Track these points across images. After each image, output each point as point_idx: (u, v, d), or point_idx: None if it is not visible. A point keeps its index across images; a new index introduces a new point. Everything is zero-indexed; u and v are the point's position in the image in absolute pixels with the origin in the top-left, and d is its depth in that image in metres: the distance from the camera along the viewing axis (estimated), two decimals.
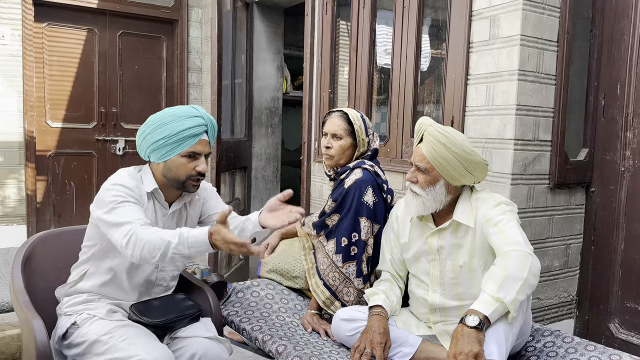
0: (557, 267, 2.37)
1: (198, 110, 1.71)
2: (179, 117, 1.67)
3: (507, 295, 1.53)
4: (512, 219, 1.69)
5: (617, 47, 2.27)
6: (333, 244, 2.03)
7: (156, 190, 1.72)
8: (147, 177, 1.73)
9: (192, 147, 1.67)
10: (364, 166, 2.08)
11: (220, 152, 3.44)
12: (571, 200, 2.38)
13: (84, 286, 1.72)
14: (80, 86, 4.44)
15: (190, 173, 1.68)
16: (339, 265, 2.00)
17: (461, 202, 1.79)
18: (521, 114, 2.14)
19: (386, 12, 2.92)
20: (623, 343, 2.25)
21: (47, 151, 4.34)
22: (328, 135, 2.15)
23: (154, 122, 1.67)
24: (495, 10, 2.17)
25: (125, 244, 1.55)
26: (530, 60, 2.13)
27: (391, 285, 1.93)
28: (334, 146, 2.13)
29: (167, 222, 1.78)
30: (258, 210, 1.82)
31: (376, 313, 1.79)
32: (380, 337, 1.72)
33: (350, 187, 2.03)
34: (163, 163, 1.69)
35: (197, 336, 1.69)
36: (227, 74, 3.78)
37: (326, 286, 2.02)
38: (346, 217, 2.02)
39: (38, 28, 4.20)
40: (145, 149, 1.70)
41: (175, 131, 1.65)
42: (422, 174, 1.76)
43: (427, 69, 2.83)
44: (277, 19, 4.31)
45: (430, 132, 1.73)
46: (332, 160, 2.15)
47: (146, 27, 4.68)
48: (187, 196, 1.81)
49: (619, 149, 2.28)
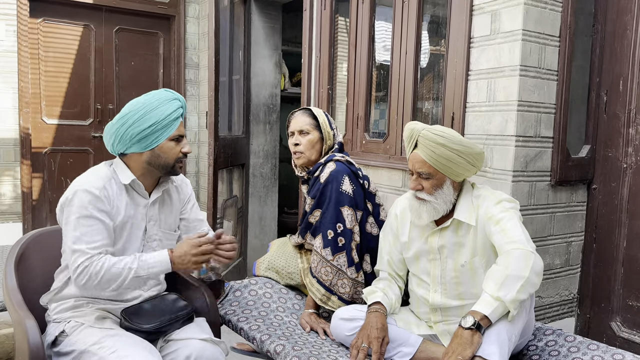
0: (559, 265, 2.35)
1: (173, 92, 1.73)
2: (163, 101, 1.68)
3: (507, 294, 1.51)
4: (514, 216, 1.67)
5: (619, 43, 2.24)
6: (320, 240, 2.02)
7: (134, 182, 1.71)
8: (121, 170, 1.71)
9: (177, 130, 1.70)
10: (335, 158, 2.10)
11: (217, 149, 3.40)
12: (573, 198, 2.35)
13: (70, 291, 1.68)
14: (76, 82, 4.40)
15: (178, 156, 1.72)
16: (329, 259, 1.99)
17: (462, 200, 1.76)
18: (523, 110, 2.11)
19: (385, 8, 2.89)
20: (625, 342, 2.23)
21: (42, 148, 4.30)
22: (295, 134, 2.17)
23: (137, 111, 1.65)
24: (497, 5, 2.14)
25: (78, 274, 1.55)
26: (532, 55, 2.10)
27: (389, 283, 1.91)
28: (302, 142, 2.15)
29: (150, 212, 1.76)
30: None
31: (374, 310, 1.78)
32: (377, 332, 1.71)
33: (327, 180, 2.03)
34: (149, 151, 1.68)
35: (191, 338, 1.66)
36: (224, 70, 3.74)
37: (320, 283, 2.01)
38: (328, 210, 2.02)
39: (33, 24, 4.15)
40: (126, 142, 1.66)
41: (163, 115, 1.66)
42: (426, 180, 1.73)
43: (426, 65, 2.80)
44: (275, 15, 4.28)
45: (425, 136, 1.69)
46: (304, 157, 2.16)
47: (143, 22, 4.64)
48: (165, 183, 1.81)
49: (621, 146, 2.25)
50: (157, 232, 1.79)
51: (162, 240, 1.81)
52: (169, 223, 1.85)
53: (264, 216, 4.40)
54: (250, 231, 4.29)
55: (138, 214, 1.73)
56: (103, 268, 1.55)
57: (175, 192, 1.89)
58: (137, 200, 1.73)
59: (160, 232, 1.80)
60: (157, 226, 1.79)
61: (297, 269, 2.22)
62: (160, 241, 1.81)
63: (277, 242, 2.42)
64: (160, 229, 1.80)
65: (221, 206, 3.69)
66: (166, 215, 1.83)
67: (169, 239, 1.85)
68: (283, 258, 2.27)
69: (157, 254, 1.64)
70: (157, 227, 1.79)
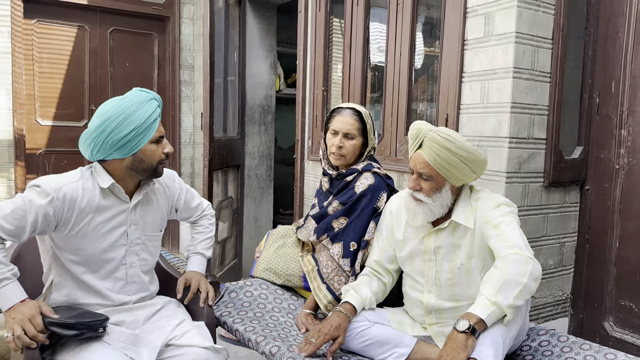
0: (552, 266, 2.36)
1: (148, 92, 1.69)
2: (141, 103, 1.63)
3: (505, 299, 1.51)
4: (512, 221, 1.66)
5: (611, 45, 2.26)
6: (339, 248, 2.00)
7: (114, 186, 1.67)
8: (99, 175, 1.67)
9: (157, 132, 1.67)
10: (373, 170, 2.04)
11: (212, 151, 3.41)
12: (566, 199, 2.37)
13: (57, 297, 1.67)
14: (70, 84, 4.38)
15: (160, 157, 1.69)
16: (346, 270, 1.98)
17: (460, 203, 1.76)
18: (516, 111, 2.12)
19: (380, 10, 2.90)
20: (617, 341, 2.25)
21: (37, 149, 4.28)
22: (339, 134, 2.07)
23: (116, 116, 1.59)
24: (490, 7, 2.16)
25: None
26: (525, 57, 2.11)
27: (369, 280, 1.91)
28: (346, 146, 2.06)
29: (131, 216, 1.73)
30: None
31: (338, 310, 1.78)
32: (329, 329, 1.71)
33: (363, 192, 2.00)
34: (131, 156, 1.64)
35: (193, 345, 1.65)
36: (219, 71, 3.74)
37: (330, 290, 1.99)
38: (356, 222, 1.99)
39: (27, 25, 4.14)
40: (106, 150, 1.62)
41: (143, 119, 1.61)
42: (425, 181, 1.72)
43: (421, 67, 2.81)
44: (270, 16, 4.28)
45: (432, 138, 1.67)
46: (344, 160, 2.09)
47: (137, 24, 4.63)
48: (147, 185, 1.77)
49: (613, 147, 2.27)
50: (140, 236, 1.77)
51: (146, 244, 1.79)
52: (155, 224, 1.83)
53: (259, 217, 4.40)
54: (246, 232, 4.29)
55: (118, 218, 1.70)
56: None
57: (162, 192, 1.86)
58: (117, 205, 1.70)
59: (144, 236, 1.78)
60: (139, 230, 1.76)
61: (297, 272, 2.21)
62: (144, 244, 1.79)
63: (277, 237, 2.36)
64: (144, 233, 1.78)
65: (216, 207, 3.69)
66: (150, 218, 1.80)
67: (153, 241, 1.83)
68: (283, 260, 2.25)
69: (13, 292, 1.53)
70: (139, 231, 1.76)
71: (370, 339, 1.78)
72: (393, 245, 1.91)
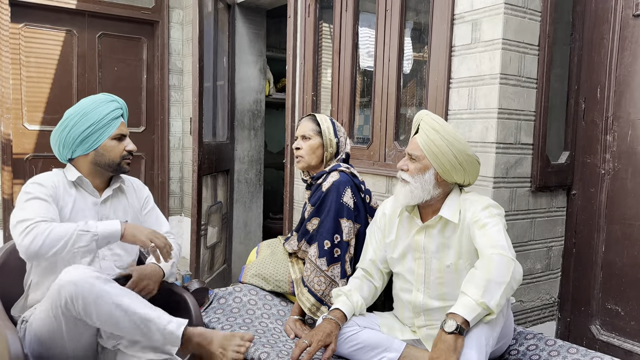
0: (539, 270, 2.38)
1: (111, 95, 1.84)
2: (100, 103, 1.79)
3: (492, 299, 1.53)
4: (499, 223, 1.71)
5: (597, 51, 2.29)
6: (315, 248, 2.02)
7: (80, 179, 1.79)
8: (68, 171, 1.80)
9: (118, 130, 1.80)
10: (339, 169, 2.11)
11: (202, 155, 3.40)
12: (552, 203, 2.39)
13: (35, 297, 1.71)
14: (58, 88, 4.35)
15: (122, 153, 1.83)
16: (323, 269, 1.99)
17: (449, 201, 1.80)
18: (503, 117, 2.14)
19: (369, 15, 2.91)
20: (604, 345, 2.27)
21: (24, 154, 4.24)
22: (298, 138, 2.22)
23: (76, 114, 1.77)
24: (477, 14, 2.18)
25: (24, 235, 1.54)
26: (511, 64, 2.13)
27: (361, 283, 1.92)
28: (303, 147, 2.19)
29: (103, 210, 1.83)
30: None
31: (329, 317, 1.79)
32: (321, 336, 1.72)
33: (328, 189, 2.04)
34: (93, 152, 1.78)
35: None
36: (208, 76, 3.74)
37: (311, 292, 2.00)
38: (326, 220, 2.02)
39: (14, 29, 4.11)
40: (70, 145, 1.76)
41: (101, 116, 1.76)
42: (413, 162, 1.79)
43: (409, 72, 2.83)
44: (259, 21, 4.28)
45: (426, 121, 1.77)
46: (303, 161, 2.19)
47: (126, 28, 4.61)
48: (116, 182, 1.89)
49: (599, 152, 2.30)
50: None
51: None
52: (129, 220, 1.88)
53: (248, 222, 4.40)
54: (235, 237, 4.28)
55: (89, 211, 1.79)
56: (49, 229, 1.55)
57: (132, 192, 1.96)
58: (87, 198, 1.80)
59: None
60: None
61: (286, 277, 2.22)
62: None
63: (267, 245, 2.40)
64: None
65: (205, 212, 3.68)
66: (122, 213, 1.88)
67: None
68: (272, 265, 2.26)
69: (107, 223, 1.67)
70: None
71: (359, 344, 1.79)
72: (385, 247, 1.93)
